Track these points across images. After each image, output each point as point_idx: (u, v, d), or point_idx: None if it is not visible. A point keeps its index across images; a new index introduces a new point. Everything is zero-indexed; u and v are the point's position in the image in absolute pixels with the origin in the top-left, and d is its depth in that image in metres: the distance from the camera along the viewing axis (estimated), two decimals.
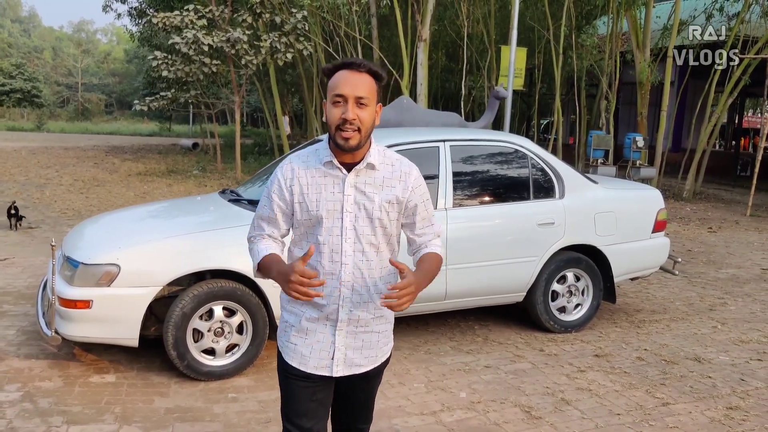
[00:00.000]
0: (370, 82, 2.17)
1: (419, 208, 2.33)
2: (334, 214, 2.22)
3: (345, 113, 2.12)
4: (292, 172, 2.27)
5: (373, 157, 2.24)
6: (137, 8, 24.30)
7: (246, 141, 27.71)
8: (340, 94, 2.13)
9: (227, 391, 4.23)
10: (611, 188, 5.88)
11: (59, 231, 8.93)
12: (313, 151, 2.31)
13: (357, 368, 2.34)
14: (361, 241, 2.23)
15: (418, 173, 2.33)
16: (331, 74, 2.20)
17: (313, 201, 2.23)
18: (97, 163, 19.06)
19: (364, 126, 2.14)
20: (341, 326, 2.27)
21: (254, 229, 2.39)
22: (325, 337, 2.29)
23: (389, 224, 2.28)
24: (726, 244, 10.01)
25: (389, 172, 2.28)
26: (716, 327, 5.77)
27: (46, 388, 4.14)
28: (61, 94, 58.69)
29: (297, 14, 14.67)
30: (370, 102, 2.15)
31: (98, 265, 4.16)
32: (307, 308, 2.29)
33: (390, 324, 2.43)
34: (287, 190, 2.27)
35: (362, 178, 2.24)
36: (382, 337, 2.38)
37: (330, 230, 2.22)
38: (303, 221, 2.27)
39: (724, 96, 15.69)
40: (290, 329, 2.35)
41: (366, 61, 2.20)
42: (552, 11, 16.74)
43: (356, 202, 2.22)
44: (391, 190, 2.26)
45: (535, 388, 4.35)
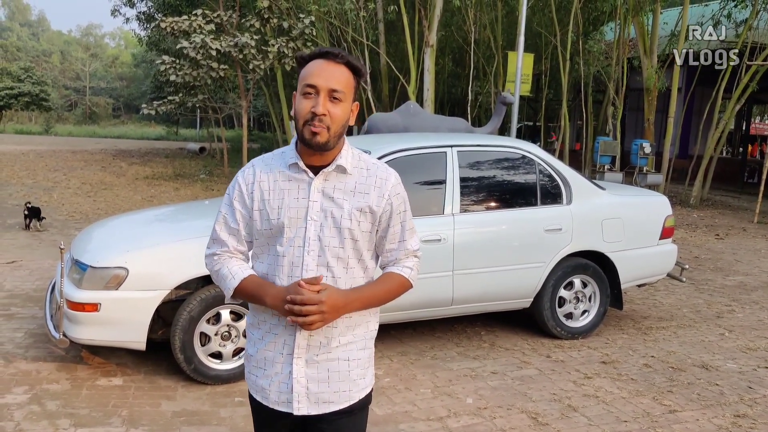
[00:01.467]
0: (348, 75, 1.93)
1: (393, 221, 2.04)
2: (297, 222, 1.95)
3: (315, 107, 1.87)
4: (253, 176, 2.01)
5: (345, 159, 1.98)
6: (145, 13, 24.45)
7: (253, 145, 27.78)
8: (311, 85, 1.89)
9: (234, 395, 4.24)
10: (619, 194, 5.88)
11: (67, 234, 8.96)
12: (278, 153, 2.06)
13: (326, 406, 1.99)
14: (326, 253, 1.95)
15: (397, 180, 2.05)
16: (305, 63, 1.95)
17: (274, 208, 1.97)
18: (104, 166, 19.13)
19: (335, 123, 1.90)
20: (299, 353, 1.96)
21: (215, 244, 2.08)
22: (283, 367, 1.98)
23: (360, 236, 1.99)
24: (733, 251, 9.98)
25: (363, 178, 2.00)
26: (723, 334, 5.75)
27: (53, 390, 4.15)
28: (69, 97, 59.00)
29: (304, 19, 14.72)
30: (345, 97, 1.91)
31: (106, 268, 4.17)
32: (265, 333, 2.02)
33: (366, 351, 2.08)
34: (248, 196, 2.00)
35: (331, 183, 1.97)
36: (354, 366, 2.03)
37: (291, 240, 1.95)
38: (263, 231, 1.99)
39: (731, 102, 15.66)
40: (250, 359, 2.09)
41: (345, 52, 1.95)
42: (559, 17, 16.76)
43: (322, 209, 1.95)
44: (364, 197, 1.98)
45: (542, 394, 4.34)
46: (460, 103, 24.32)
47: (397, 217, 2.05)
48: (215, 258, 2.08)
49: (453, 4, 16.12)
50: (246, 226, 2.04)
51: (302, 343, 1.96)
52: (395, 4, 15.83)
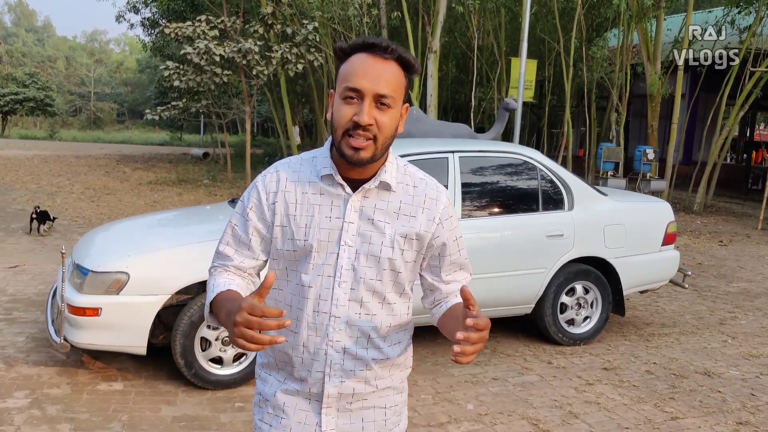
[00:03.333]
0: (398, 74, 1.57)
1: (449, 249, 1.73)
2: (328, 247, 1.62)
3: (359, 115, 1.52)
4: (277, 184, 1.67)
5: (389, 173, 1.65)
6: (150, 19, 24.53)
7: (256, 151, 27.83)
8: (355, 88, 1.53)
9: (234, 400, 4.23)
10: (621, 200, 5.86)
11: (69, 239, 8.97)
12: (308, 158, 1.71)
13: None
14: (359, 286, 1.63)
15: (447, 200, 1.72)
16: (346, 56, 1.59)
17: (301, 227, 1.63)
18: (108, 171, 19.18)
19: (382, 134, 1.56)
20: (329, 402, 1.67)
21: (218, 258, 1.75)
22: (309, 417, 1.69)
23: (403, 267, 1.67)
24: (737, 257, 9.95)
25: (409, 197, 1.68)
26: (726, 341, 5.73)
27: (54, 395, 4.15)
28: (74, 102, 59.18)
29: (308, 25, 14.76)
30: (395, 103, 1.57)
31: (108, 272, 4.18)
32: (285, 375, 1.72)
33: (401, 394, 1.80)
34: (268, 208, 1.67)
35: (371, 202, 1.64)
36: (391, 414, 1.75)
37: (320, 268, 1.63)
38: (284, 252, 1.67)
39: (735, 109, 15.64)
40: (265, 405, 1.76)
41: (396, 44, 1.58)
42: (562, 24, 16.77)
43: (360, 234, 1.63)
44: (410, 220, 1.66)
45: (543, 400, 4.32)
46: (464, 109, 24.33)
47: (454, 245, 1.74)
48: (211, 271, 1.75)
49: (456, 10, 16.16)
50: (260, 243, 1.70)
51: (333, 391, 1.67)
52: (399, 10, 15.86)
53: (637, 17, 15.46)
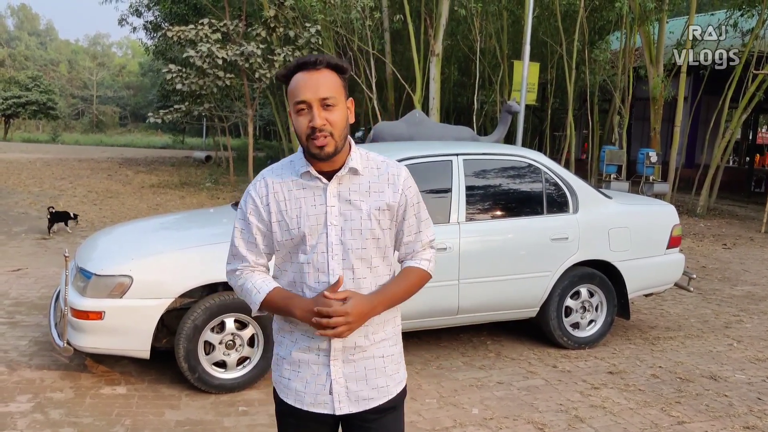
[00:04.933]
0: (332, 78, 1.91)
1: (408, 213, 2.07)
2: (318, 229, 1.96)
3: (312, 120, 1.87)
4: (266, 188, 2.01)
5: (355, 161, 1.99)
6: (152, 22, 24.57)
7: (258, 154, 27.82)
8: (301, 101, 1.88)
9: (238, 404, 4.21)
10: (625, 203, 5.84)
11: (72, 242, 8.97)
12: (287, 162, 2.05)
13: (366, 403, 2.02)
14: (350, 256, 1.96)
15: (407, 174, 2.08)
16: (288, 80, 1.94)
17: (293, 218, 1.97)
18: (110, 174, 19.18)
19: (336, 129, 1.90)
20: (336, 355, 1.98)
21: (235, 260, 2.08)
22: (320, 369, 2.00)
23: (381, 234, 2.01)
24: (741, 260, 9.91)
25: (375, 176, 2.02)
26: (732, 345, 5.70)
27: (57, 399, 4.13)
28: (76, 106, 59.29)
29: (311, 28, 14.76)
30: (338, 100, 1.90)
31: (111, 276, 4.16)
32: (297, 337, 2.02)
33: (396, 346, 2.11)
34: (264, 209, 2.00)
35: (345, 186, 1.98)
36: (389, 362, 2.07)
37: (314, 247, 1.96)
38: (284, 242, 2.00)
39: (738, 111, 15.61)
40: (282, 362, 2.08)
41: (322, 55, 1.93)
42: (565, 26, 16.75)
43: (341, 213, 1.96)
44: (380, 195, 2.00)
45: (549, 405, 4.30)
46: (466, 111, 24.32)
47: (411, 210, 2.08)
48: (237, 273, 2.08)
49: (458, 13, 16.15)
50: (264, 239, 2.04)
51: (338, 345, 1.98)
52: (401, 13, 15.85)
53: (640, 20, 15.44)
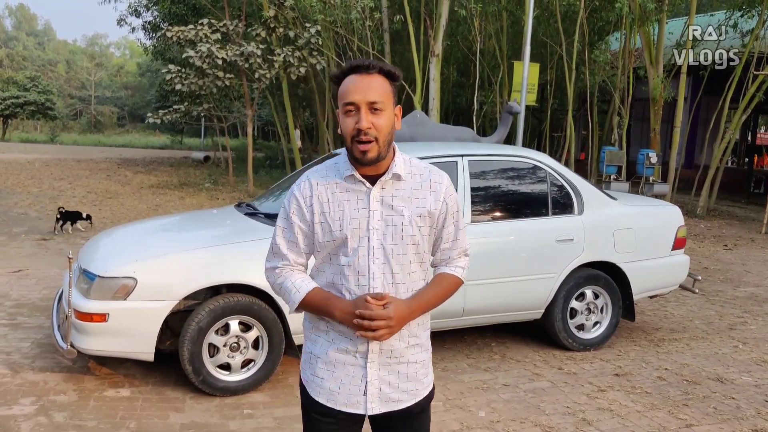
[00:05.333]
0: (383, 83, 1.95)
1: (447, 221, 2.10)
2: (360, 233, 1.99)
3: (359, 122, 1.91)
4: (310, 189, 2.04)
5: (399, 166, 2.02)
6: (151, 22, 24.51)
7: (257, 154, 27.76)
8: (350, 102, 1.92)
9: (243, 407, 4.18)
10: (630, 204, 5.82)
11: (72, 243, 8.93)
12: (331, 165, 2.08)
13: (395, 404, 2.08)
14: (390, 261, 2.00)
15: (449, 182, 2.11)
16: (339, 81, 1.98)
17: (335, 220, 2.00)
18: (109, 175, 19.14)
19: (381, 134, 1.93)
20: (373, 357, 2.03)
21: (275, 258, 2.12)
22: (356, 371, 2.04)
23: (421, 240, 2.04)
24: (743, 261, 9.90)
25: (418, 183, 2.04)
26: (737, 346, 5.68)
27: (60, 401, 4.10)
28: (74, 106, 59.15)
29: (311, 29, 14.72)
30: (386, 106, 1.94)
31: (115, 278, 4.13)
32: (334, 337, 2.06)
33: (427, 352, 2.17)
34: (307, 210, 2.04)
35: (388, 191, 2.01)
36: (420, 367, 2.13)
37: (355, 251, 1.99)
38: (325, 243, 2.03)
39: (738, 112, 15.60)
40: (316, 361, 2.10)
41: (376, 60, 1.99)
42: (564, 27, 16.73)
43: (383, 218, 2.00)
44: (422, 202, 2.03)
45: (555, 407, 4.27)
46: (465, 112, 24.29)
47: (451, 217, 2.12)
48: (276, 271, 2.11)
49: (458, 14, 16.13)
50: (305, 239, 2.08)
51: (376, 348, 2.04)
52: (401, 13, 15.83)
53: (640, 21, 15.43)
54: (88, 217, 10.02)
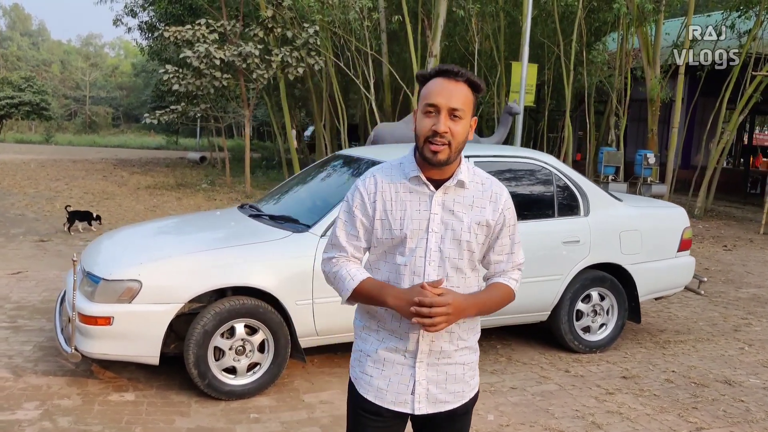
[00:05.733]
0: (467, 93, 1.99)
1: (503, 233, 2.13)
2: (419, 234, 2.03)
3: (436, 125, 1.94)
4: (375, 186, 2.08)
5: (464, 174, 2.06)
6: (147, 22, 24.39)
7: (253, 155, 27.67)
8: (432, 104, 1.95)
9: (249, 411, 4.14)
10: (636, 206, 5.80)
11: (71, 244, 8.87)
12: (397, 164, 2.12)
13: (441, 405, 2.11)
14: (445, 264, 2.03)
15: (508, 196, 2.15)
16: (425, 81, 2.03)
17: (396, 219, 2.04)
18: (105, 176, 19.04)
19: (455, 140, 1.96)
20: (422, 357, 2.06)
21: (333, 249, 2.16)
22: (405, 370, 2.08)
23: (477, 248, 2.07)
24: (743, 262, 9.90)
25: (479, 192, 2.09)
26: (743, 348, 5.66)
27: (65, 406, 4.05)
28: (69, 106, 58.88)
29: (309, 29, 14.67)
30: (465, 115, 1.98)
31: (120, 281, 4.08)
32: (384, 336, 2.10)
33: (475, 354, 2.20)
34: (370, 205, 2.08)
35: (450, 197, 2.05)
36: (467, 369, 2.15)
37: (413, 251, 2.03)
38: (384, 240, 2.08)
39: (735, 113, 15.62)
40: (365, 359, 2.14)
41: (464, 69, 2.01)
42: (562, 27, 16.71)
43: (443, 222, 2.04)
44: (482, 211, 2.07)
45: (564, 410, 4.24)
46: None
47: (507, 230, 2.14)
48: (333, 261, 2.15)
49: (456, 14, 16.11)
50: (365, 234, 2.11)
51: (425, 348, 2.06)
52: (399, 14, 15.80)
53: (638, 21, 15.43)
54: (98, 218, 10.08)
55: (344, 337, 4.61)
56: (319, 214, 4.60)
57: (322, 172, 5.67)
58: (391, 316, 2.07)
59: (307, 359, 4.51)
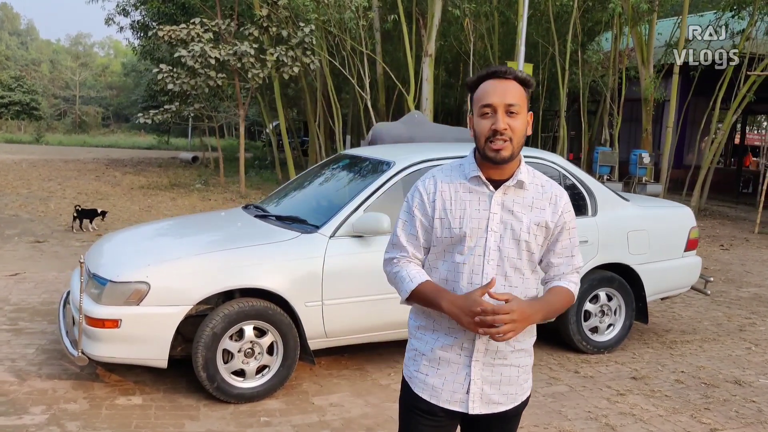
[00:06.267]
0: (519, 88, 2.00)
1: (563, 235, 2.11)
2: (478, 233, 2.03)
3: (495, 124, 1.96)
4: (434, 186, 2.10)
5: (524, 174, 2.06)
6: (140, 22, 24.24)
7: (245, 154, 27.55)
8: (488, 104, 1.97)
9: (259, 414, 4.08)
10: (643, 206, 5.77)
11: (67, 245, 8.78)
12: (456, 165, 2.14)
13: (495, 406, 2.10)
14: (504, 263, 2.03)
15: (568, 199, 2.14)
16: (475, 86, 2.05)
17: (456, 218, 2.05)
18: (98, 176, 18.90)
19: (516, 135, 1.98)
20: (477, 356, 2.05)
21: (394, 249, 2.18)
22: (460, 369, 2.07)
23: (536, 249, 2.07)
24: (741, 262, 9.92)
25: (539, 193, 2.09)
26: (750, 348, 5.65)
27: (72, 410, 3.98)
28: (59, 106, 58.47)
29: (305, 28, 14.60)
30: (521, 110, 1.99)
31: (127, 282, 4.01)
32: (440, 335, 2.10)
33: (531, 357, 2.18)
34: (429, 205, 2.09)
35: (510, 197, 2.06)
36: (522, 372, 2.14)
37: (472, 250, 2.03)
38: (443, 239, 2.08)
39: (730, 113, 15.68)
40: (420, 358, 2.14)
41: (511, 68, 2.03)
42: (557, 27, 16.72)
43: (502, 222, 2.04)
44: (541, 212, 2.07)
45: (577, 412, 4.21)
46: (453, 113, 24.29)
47: (566, 233, 2.12)
48: (394, 261, 2.17)
49: (452, 13, 16.08)
50: (424, 233, 2.12)
51: (481, 348, 2.05)
52: (394, 13, 15.76)
53: (633, 21, 15.45)
54: (103, 213, 10.09)
55: (353, 339, 4.57)
56: (328, 215, 4.55)
57: (327, 171, 5.62)
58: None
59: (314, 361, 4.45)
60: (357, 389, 4.48)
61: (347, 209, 4.51)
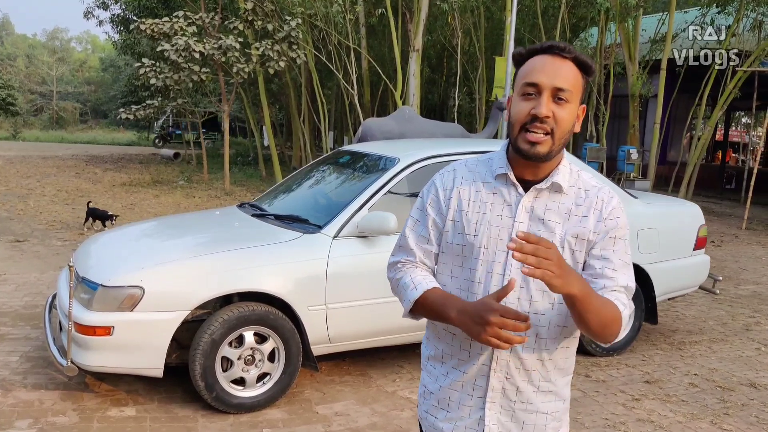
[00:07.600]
0: (576, 73, 1.59)
1: (607, 243, 1.64)
2: (497, 245, 1.63)
3: (536, 108, 1.55)
4: (453, 181, 1.73)
5: (562, 175, 1.65)
6: (120, 15, 23.78)
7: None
8: (533, 83, 1.57)
9: (260, 425, 3.86)
10: (651, 204, 5.62)
11: (48, 245, 8.47)
12: (485, 158, 1.75)
13: None
14: (529, 286, 1.61)
15: (618, 203, 1.69)
16: (524, 60, 1.63)
17: (471, 222, 1.67)
18: (78, 173, 18.46)
19: (559, 128, 1.57)
20: (493, 397, 1.67)
21: (400, 252, 1.81)
22: (473, 412, 1.70)
23: (574, 267, 1.63)
24: (735, 258, 9.84)
25: (581, 199, 1.66)
26: (759, 349, 5.52)
27: (61, 423, 3.73)
28: (35, 102, 57.46)
29: (291, 22, 14.33)
30: (573, 98, 1.58)
31: (120, 287, 3.77)
32: (450, 369, 1.73)
33: (563, 402, 1.76)
34: (445, 203, 1.73)
35: (542, 202, 1.65)
36: (551, 419, 1.72)
37: (489, 265, 1.63)
38: (453, 246, 1.70)
39: (716, 109, 15.67)
40: (429, 397, 1.80)
41: (572, 46, 1.61)
42: (543, 22, 16.60)
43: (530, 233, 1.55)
44: (581, 221, 1.63)
45: (593, 419, 4.03)
46: (437, 108, 24.10)
47: (610, 242, 1.64)
48: (398, 266, 1.81)
49: (440, 8, 15.90)
50: (437, 236, 1.76)
51: (497, 386, 1.67)
52: (381, 7, 15.55)
53: (620, 17, 15.37)
54: (113, 217, 9.66)
55: (358, 344, 4.36)
56: (331, 214, 4.33)
57: (325, 168, 5.40)
58: (460, 340, 1.69)
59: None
60: (362, 396, 4.27)
61: (351, 208, 4.29)
